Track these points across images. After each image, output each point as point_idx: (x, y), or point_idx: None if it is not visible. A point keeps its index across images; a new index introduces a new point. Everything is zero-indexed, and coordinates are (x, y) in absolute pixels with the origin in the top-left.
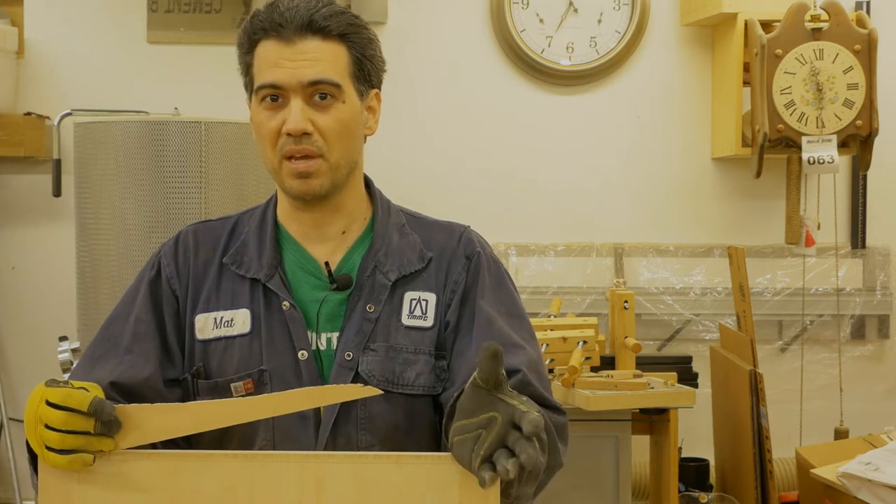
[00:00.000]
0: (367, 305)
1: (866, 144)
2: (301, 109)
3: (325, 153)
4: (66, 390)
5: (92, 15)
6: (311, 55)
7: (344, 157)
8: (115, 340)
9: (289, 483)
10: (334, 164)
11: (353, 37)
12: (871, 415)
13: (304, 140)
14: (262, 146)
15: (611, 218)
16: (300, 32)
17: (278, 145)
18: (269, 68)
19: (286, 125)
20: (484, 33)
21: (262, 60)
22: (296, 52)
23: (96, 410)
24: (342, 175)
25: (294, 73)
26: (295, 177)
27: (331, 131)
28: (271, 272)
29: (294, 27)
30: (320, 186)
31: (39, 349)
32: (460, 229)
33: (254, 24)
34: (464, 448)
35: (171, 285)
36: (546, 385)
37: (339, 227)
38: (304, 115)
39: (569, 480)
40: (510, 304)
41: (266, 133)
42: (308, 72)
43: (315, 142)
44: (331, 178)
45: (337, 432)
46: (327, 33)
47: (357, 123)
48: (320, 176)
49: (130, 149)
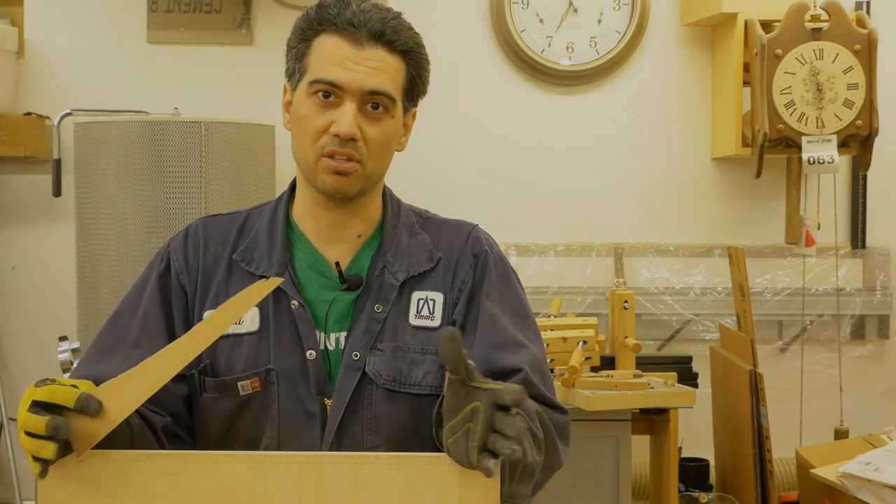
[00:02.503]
0: (376, 305)
1: (866, 144)
2: (354, 114)
3: (364, 161)
4: (51, 387)
5: (92, 15)
6: (376, 64)
7: (378, 168)
8: (123, 334)
9: (288, 484)
10: (369, 173)
11: (415, 55)
12: (871, 415)
13: (349, 145)
14: (300, 137)
15: (611, 218)
16: (370, 38)
17: (320, 142)
18: (332, 65)
19: (336, 126)
20: (484, 33)
21: (325, 54)
22: (363, 56)
23: (83, 406)
24: (372, 184)
25: (357, 77)
26: (331, 173)
27: (375, 142)
28: (281, 271)
29: (366, 31)
30: (352, 187)
31: (39, 349)
32: (468, 228)
33: (322, 15)
34: (458, 447)
35: (181, 279)
36: (549, 384)
37: (355, 230)
38: (355, 120)
39: (569, 480)
40: (515, 303)
41: (311, 128)
42: (371, 80)
43: (359, 148)
44: (362, 183)
45: (343, 432)
46: (394, 46)
47: (396, 138)
48: (355, 178)
49: (130, 149)
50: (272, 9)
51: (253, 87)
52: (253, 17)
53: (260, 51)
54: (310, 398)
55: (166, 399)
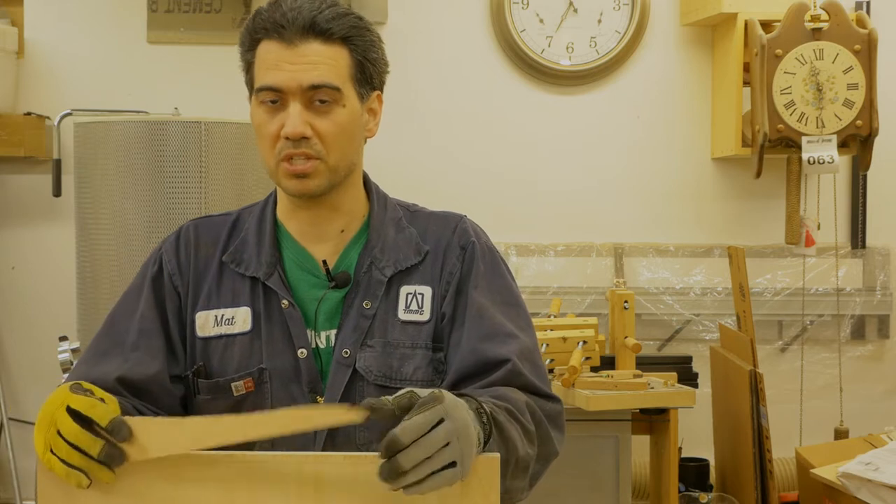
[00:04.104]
0: (364, 302)
1: (866, 144)
2: (300, 113)
3: (323, 156)
4: (91, 400)
5: (92, 15)
6: (311, 58)
7: (342, 160)
8: (121, 336)
9: (288, 484)
10: (332, 167)
11: (357, 39)
12: (871, 415)
13: (303, 144)
14: (260, 146)
15: (611, 218)
16: (302, 34)
17: (277, 148)
18: (269, 70)
19: (284, 129)
20: (484, 33)
21: (263, 61)
22: (296, 54)
23: (113, 429)
24: (340, 176)
25: (293, 76)
26: (292, 177)
27: (329, 135)
28: (270, 270)
29: (296, 29)
30: (317, 187)
31: (39, 349)
32: (456, 219)
33: (255, 23)
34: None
35: (174, 281)
36: (540, 373)
37: (337, 225)
38: (302, 118)
39: (569, 480)
40: (505, 293)
41: (265, 135)
42: (308, 76)
43: (314, 145)
44: (328, 178)
45: (336, 430)
46: (329, 36)
47: (357, 126)
48: (317, 177)
49: (130, 149)
50: None
51: None
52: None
53: None
54: (302, 397)
55: (166, 400)
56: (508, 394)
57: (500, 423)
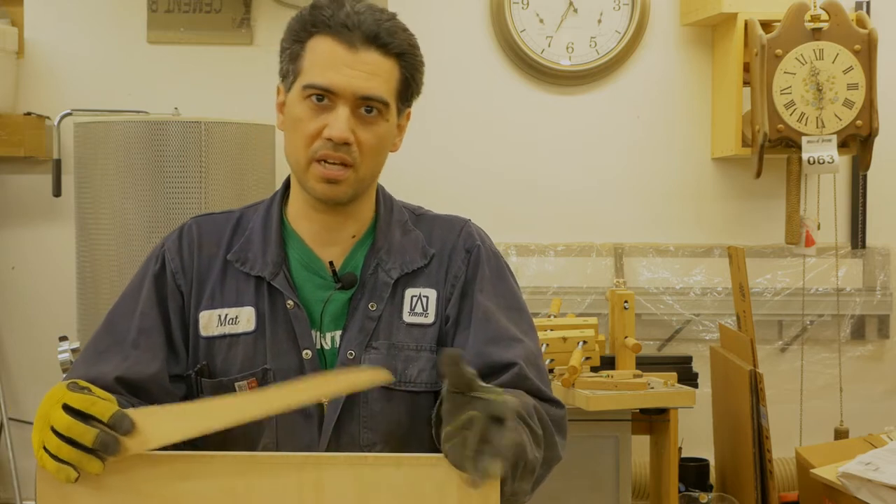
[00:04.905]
0: (370, 304)
1: (866, 144)
2: (347, 119)
3: (357, 165)
4: (90, 398)
5: (92, 15)
6: (370, 68)
7: (372, 171)
8: (121, 335)
9: (288, 484)
10: (361, 177)
11: (409, 57)
12: (871, 415)
13: (343, 149)
14: (293, 140)
15: (611, 218)
16: (364, 41)
17: (313, 147)
18: (325, 69)
19: (329, 131)
20: (484, 33)
21: (318, 57)
22: (357, 60)
23: (116, 423)
24: (365, 186)
25: (350, 81)
26: (323, 181)
27: (368, 146)
28: (276, 270)
29: (360, 34)
30: (344, 194)
31: (39, 349)
32: (461, 223)
33: (315, 16)
34: (455, 453)
35: (176, 280)
36: (544, 378)
37: (350, 231)
38: (349, 124)
39: (569, 480)
40: (509, 297)
41: (304, 131)
42: (365, 85)
43: (352, 153)
44: (355, 188)
45: (340, 431)
46: (388, 49)
47: (390, 140)
48: (347, 185)
49: (130, 149)
50: (272, 9)
51: (253, 87)
52: (253, 17)
53: (260, 51)
54: None
55: (165, 399)
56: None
57: None
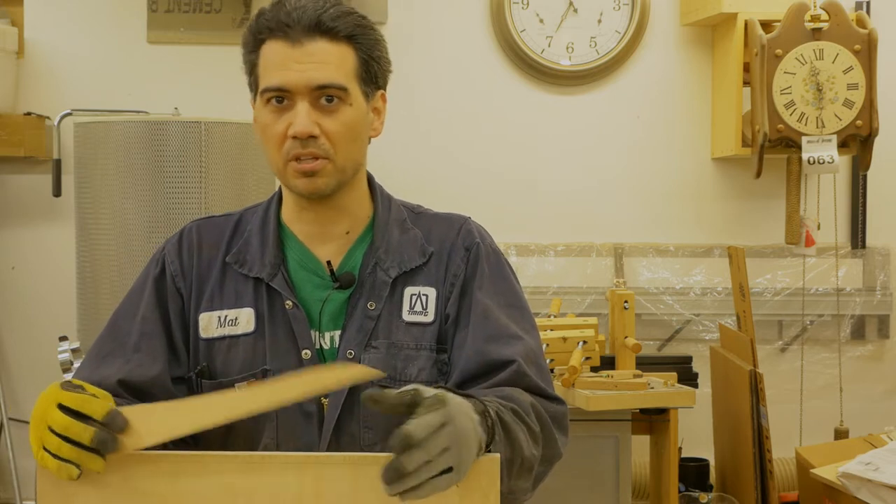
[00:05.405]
0: (368, 303)
1: (866, 144)
2: (308, 112)
3: (331, 156)
4: (83, 396)
5: (92, 15)
6: (318, 57)
7: (349, 160)
8: (123, 338)
9: (288, 485)
10: (340, 167)
11: (361, 38)
12: (871, 415)
13: (311, 143)
14: (267, 147)
15: (611, 218)
16: (308, 33)
17: (284, 148)
18: (276, 70)
19: (292, 128)
20: (484, 33)
21: (268, 61)
22: (303, 53)
23: (110, 421)
24: (347, 176)
25: (301, 75)
26: (300, 176)
27: (337, 134)
28: (274, 271)
29: (301, 28)
30: (325, 185)
31: (39, 349)
32: (460, 221)
33: (259, 24)
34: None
35: (176, 283)
36: (545, 376)
37: (343, 227)
38: (310, 118)
39: (569, 480)
40: (510, 295)
41: (272, 135)
42: (315, 75)
43: (321, 145)
44: (336, 178)
45: (340, 430)
46: (335, 35)
47: (363, 125)
48: (326, 175)
49: (130, 149)
50: None
51: None
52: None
53: None
54: None
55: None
56: (514, 394)
57: (506, 424)
